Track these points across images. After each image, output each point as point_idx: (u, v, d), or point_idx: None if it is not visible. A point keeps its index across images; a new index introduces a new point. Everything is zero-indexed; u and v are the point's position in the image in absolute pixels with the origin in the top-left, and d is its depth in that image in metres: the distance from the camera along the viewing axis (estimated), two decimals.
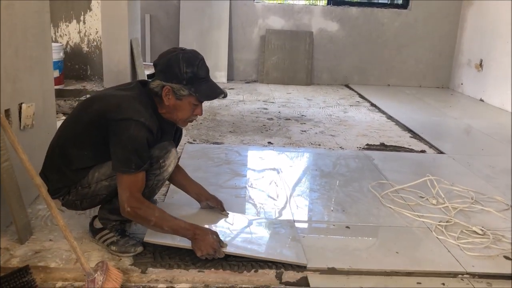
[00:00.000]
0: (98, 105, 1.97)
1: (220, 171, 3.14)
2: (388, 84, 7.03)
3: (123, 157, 1.85)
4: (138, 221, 1.95)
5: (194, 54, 1.99)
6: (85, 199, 2.02)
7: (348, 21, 6.81)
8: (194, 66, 1.94)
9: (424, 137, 4.21)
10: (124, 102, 1.91)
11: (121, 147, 1.85)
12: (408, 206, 2.69)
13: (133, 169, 1.85)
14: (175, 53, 1.95)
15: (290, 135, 4.13)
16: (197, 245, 1.94)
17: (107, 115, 1.89)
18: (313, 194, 2.89)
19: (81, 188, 1.99)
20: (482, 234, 2.37)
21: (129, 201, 1.86)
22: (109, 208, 2.06)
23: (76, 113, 2.06)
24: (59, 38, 5.12)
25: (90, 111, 1.97)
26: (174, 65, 1.92)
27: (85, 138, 1.96)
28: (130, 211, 1.87)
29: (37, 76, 2.49)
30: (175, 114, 2.00)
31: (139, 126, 1.86)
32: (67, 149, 1.98)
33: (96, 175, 1.97)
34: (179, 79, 1.92)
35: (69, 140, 1.99)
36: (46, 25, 2.61)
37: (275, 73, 6.80)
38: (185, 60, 1.92)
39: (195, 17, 6.60)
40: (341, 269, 2.01)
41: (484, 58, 6.15)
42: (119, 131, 1.85)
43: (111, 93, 2.03)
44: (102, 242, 2.07)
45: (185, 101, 1.96)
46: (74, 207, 2.08)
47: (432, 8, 6.77)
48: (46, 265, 1.93)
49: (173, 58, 1.93)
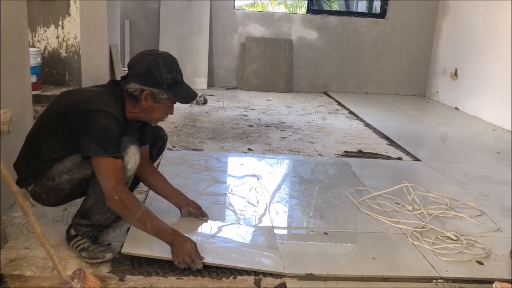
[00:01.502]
0: (68, 98, 2.03)
1: (200, 177, 3.14)
2: (366, 92, 7.14)
3: (96, 143, 1.85)
4: (123, 213, 1.89)
5: (172, 58, 2.03)
6: (50, 192, 2.02)
7: (327, 29, 6.90)
8: (173, 71, 2.00)
9: (401, 145, 4.29)
10: (94, 96, 1.96)
11: (93, 136, 1.86)
12: (384, 213, 2.74)
13: (109, 153, 1.85)
14: (154, 58, 1.97)
15: (270, 142, 4.15)
16: (174, 251, 1.93)
17: (77, 107, 1.92)
18: (292, 200, 2.91)
19: (46, 181, 2.00)
20: (456, 240, 2.42)
21: (117, 190, 1.85)
22: (80, 212, 2.07)
23: (48, 107, 2.10)
24: (37, 43, 5.05)
25: (59, 104, 2.02)
26: (155, 71, 1.95)
27: (54, 130, 1.98)
28: (118, 200, 1.84)
29: (14, 82, 2.46)
30: (149, 115, 2.05)
31: (108, 116, 1.89)
32: (37, 141, 2.01)
33: (60, 168, 1.98)
34: (160, 84, 1.96)
35: (39, 132, 2.03)
36: (23, 30, 2.58)
37: (255, 80, 6.83)
38: (165, 66, 1.97)
39: (175, 23, 6.59)
40: (319, 275, 2.04)
41: (459, 67, 6.31)
42: (88, 122, 1.87)
43: (82, 88, 2.11)
44: (75, 248, 2.06)
45: (162, 104, 2.02)
46: (41, 200, 2.08)
47: (409, 18, 6.92)
48: (21, 274, 1.90)
49: (154, 64, 1.96)
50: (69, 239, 2.10)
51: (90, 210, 2.03)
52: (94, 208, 2.02)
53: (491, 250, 2.36)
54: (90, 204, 2.02)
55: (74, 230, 2.09)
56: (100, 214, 2.04)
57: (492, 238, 2.51)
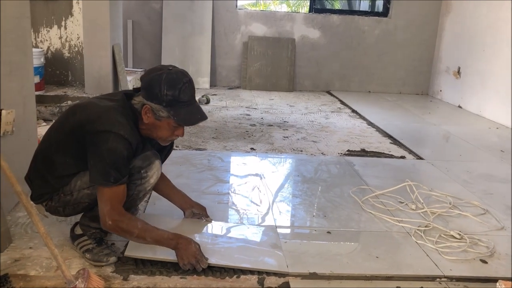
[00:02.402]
0: (80, 115, 1.95)
1: (203, 177, 3.14)
2: (369, 91, 7.13)
3: (101, 170, 1.83)
4: (120, 234, 1.94)
5: (179, 76, 1.91)
6: (68, 206, 2.01)
7: (330, 28, 6.89)
8: (176, 89, 1.87)
9: (404, 143, 4.28)
10: (105, 114, 1.89)
11: (100, 159, 1.83)
12: (388, 211, 2.74)
13: (112, 182, 1.83)
14: (160, 73, 1.89)
15: (272, 141, 4.15)
16: (179, 254, 1.94)
17: (87, 126, 1.87)
18: (295, 199, 2.91)
19: (64, 195, 1.98)
20: (459, 238, 2.42)
21: (110, 214, 1.85)
22: (90, 215, 2.06)
23: (60, 120, 2.06)
24: (40, 43, 5.07)
25: (71, 120, 1.96)
26: (155, 85, 1.87)
27: (67, 146, 1.95)
28: (112, 224, 1.86)
29: (17, 82, 2.47)
30: (154, 132, 1.98)
31: (118, 138, 1.83)
32: (50, 156, 1.98)
33: (78, 184, 1.96)
34: (159, 100, 1.88)
35: (52, 147, 1.99)
36: (26, 30, 2.59)
37: (257, 79, 6.83)
38: (167, 82, 1.86)
39: (177, 23, 6.60)
40: (322, 274, 2.04)
41: (462, 65, 6.29)
42: (97, 143, 1.84)
43: (94, 103, 1.99)
44: (79, 248, 2.06)
45: (164, 122, 1.93)
46: (57, 213, 2.08)
47: (412, 16, 6.91)
48: (26, 273, 1.91)
49: (156, 78, 1.88)
50: (74, 238, 2.10)
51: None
52: None
53: (495, 249, 2.35)
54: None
55: (81, 230, 2.09)
56: None
57: (496, 236, 2.51)
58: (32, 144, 2.70)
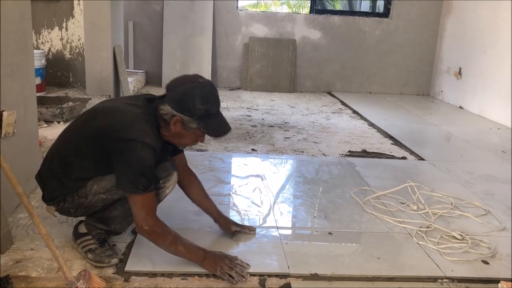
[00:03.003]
0: (103, 120, 1.93)
1: (204, 178, 3.13)
2: (370, 92, 7.12)
3: (130, 177, 1.83)
4: (154, 240, 1.92)
5: (210, 89, 1.93)
6: (80, 208, 2.00)
7: (331, 29, 6.90)
8: (208, 103, 1.90)
9: (405, 144, 4.28)
10: (131, 121, 1.88)
11: (128, 168, 1.83)
12: (389, 212, 2.73)
13: (141, 189, 1.83)
14: (192, 86, 1.89)
15: (273, 142, 4.15)
16: (211, 264, 1.95)
17: (112, 134, 1.86)
18: (296, 200, 2.91)
19: (78, 198, 1.97)
20: (461, 239, 2.42)
21: (146, 220, 1.86)
22: (98, 216, 2.04)
23: (79, 123, 2.04)
24: (41, 45, 5.07)
25: (94, 125, 1.94)
26: (189, 99, 1.87)
27: (87, 150, 1.92)
28: (148, 230, 1.86)
29: (19, 83, 2.47)
30: (177, 139, 1.99)
31: (145, 147, 1.83)
32: (68, 158, 1.96)
33: (95, 188, 1.95)
34: (191, 113, 1.88)
35: (71, 149, 1.97)
36: (27, 32, 2.59)
37: (258, 80, 6.84)
38: (201, 97, 1.87)
39: (178, 24, 6.61)
40: (324, 275, 2.04)
41: (463, 66, 6.29)
42: (125, 152, 1.83)
43: (117, 108, 1.97)
44: (81, 248, 2.06)
45: (191, 132, 1.94)
46: (67, 213, 2.07)
47: (413, 17, 6.90)
48: (27, 275, 1.91)
49: (190, 92, 1.87)
50: (77, 236, 2.10)
51: (113, 219, 2.03)
52: (117, 219, 2.03)
53: (497, 250, 2.35)
54: (115, 215, 2.02)
55: (86, 229, 2.08)
56: (120, 225, 2.06)
57: (497, 237, 2.50)
58: (33, 146, 2.71)
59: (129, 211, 1.94)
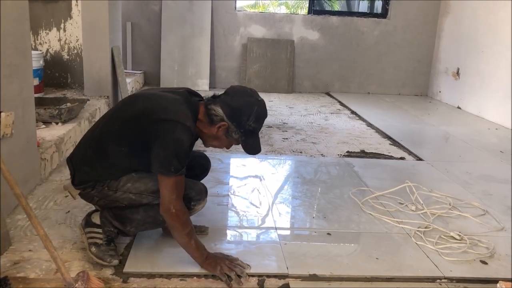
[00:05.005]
0: (144, 104, 1.97)
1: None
2: (368, 92, 7.13)
3: (164, 158, 1.84)
4: (175, 224, 1.90)
5: (264, 111, 2.01)
6: (105, 199, 2.00)
7: (329, 29, 6.90)
8: (260, 123, 1.98)
9: (403, 144, 4.28)
10: (172, 104, 1.92)
11: (164, 148, 1.83)
12: (388, 213, 2.73)
13: (172, 172, 1.83)
14: (252, 102, 1.95)
15: (272, 143, 4.15)
16: (212, 264, 1.95)
17: (152, 114, 1.88)
18: (295, 201, 2.91)
19: (107, 189, 1.97)
20: (459, 239, 2.42)
21: (176, 204, 1.86)
22: (118, 213, 2.03)
23: (118, 108, 2.07)
24: (39, 46, 5.06)
25: (134, 108, 1.97)
26: (245, 113, 1.93)
27: (124, 133, 1.94)
28: (175, 213, 1.86)
29: (17, 84, 2.47)
30: (211, 140, 2.03)
31: (185, 129, 1.85)
32: (105, 144, 1.96)
33: (128, 186, 1.96)
34: (240, 126, 1.94)
35: (107, 135, 1.98)
36: (25, 33, 2.59)
37: (257, 81, 6.84)
38: (256, 115, 1.95)
39: (176, 25, 6.60)
40: (323, 276, 2.04)
41: (461, 66, 6.30)
42: (164, 131, 1.84)
43: (158, 94, 2.01)
44: (88, 238, 2.05)
45: (229, 139, 2.00)
46: (89, 200, 2.07)
47: (411, 17, 6.92)
48: (25, 276, 1.91)
49: (248, 108, 1.94)
50: (87, 224, 2.08)
51: (131, 221, 2.02)
52: (135, 222, 2.02)
53: (495, 250, 2.35)
54: (135, 218, 2.01)
55: (100, 221, 2.06)
56: (136, 228, 2.06)
57: (496, 237, 2.51)
58: (31, 147, 2.70)
59: (150, 219, 1.98)
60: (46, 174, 2.93)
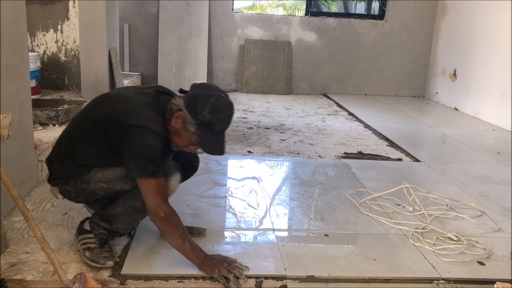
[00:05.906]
0: (109, 107, 1.94)
1: (200, 180, 3.13)
2: (366, 93, 7.14)
3: (138, 163, 1.83)
4: (167, 229, 1.90)
5: (225, 107, 1.89)
6: (81, 193, 2.02)
7: (326, 31, 6.91)
8: (216, 117, 1.86)
9: (401, 146, 4.29)
10: (137, 108, 1.89)
11: (135, 154, 1.83)
12: (385, 214, 2.74)
13: (149, 175, 1.83)
14: (211, 94, 1.87)
15: (269, 144, 4.15)
16: (210, 266, 1.94)
17: (118, 119, 1.86)
18: (292, 202, 2.91)
19: (81, 183, 1.99)
20: (457, 240, 2.42)
21: (163, 207, 1.86)
22: (101, 214, 2.05)
23: (87, 110, 2.06)
24: (36, 47, 5.06)
25: (100, 111, 1.96)
26: (200, 102, 1.85)
27: (91, 136, 1.94)
28: (164, 217, 1.86)
29: (14, 86, 2.46)
30: (173, 136, 1.95)
31: (152, 134, 1.83)
32: (73, 144, 1.98)
33: (98, 176, 1.97)
34: (196, 116, 1.85)
35: (76, 135, 1.99)
36: (22, 34, 2.59)
37: (254, 82, 6.84)
38: (212, 106, 1.84)
39: (174, 26, 6.60)
40: (320, 277, 2.04)
41: (458, 67, 6.32)
42: (131, 138, 1.83)
43: (126, 96, 1.98)
44: (81, 244, 2.06)
45: (186, 134, 1.91)
46: (69, 197, 2.07)
47: (408, 19, 6.93)
48: (22, 278, 1.90)
49: (205, 96, 1.86)
50: (80, 232, 2.10)
51: (115, 217, 2.02)
52: (119, 217, 2.02)
53: (492, 251, 2.36)
54: (117, 212, 2.01)
55: (90, 226, 2.08)
56: (122, 224, 2.05)
57: (493, 238, 2.51)
58: (28, 148, 2.70)
59: (131, 210, 1.96)
60: (43, 176, 2.93)
